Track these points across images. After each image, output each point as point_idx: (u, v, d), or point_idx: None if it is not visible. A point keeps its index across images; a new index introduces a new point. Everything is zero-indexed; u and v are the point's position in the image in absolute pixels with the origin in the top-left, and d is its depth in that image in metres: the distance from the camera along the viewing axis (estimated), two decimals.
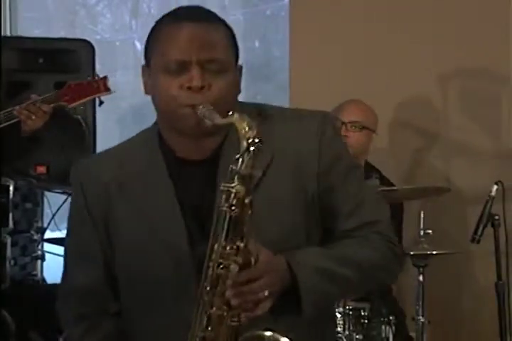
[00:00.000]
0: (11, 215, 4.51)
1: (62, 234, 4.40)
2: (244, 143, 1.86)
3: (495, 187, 3.74)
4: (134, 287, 2.10)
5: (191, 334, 1.94)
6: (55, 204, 4.65)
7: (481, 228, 3.68)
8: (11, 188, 4.52)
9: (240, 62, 2.08)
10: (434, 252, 3.79)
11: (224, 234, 1.89)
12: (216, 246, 1.89)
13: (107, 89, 3.78)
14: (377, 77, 4.66)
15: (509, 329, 3.71)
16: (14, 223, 4.54)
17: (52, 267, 4.65)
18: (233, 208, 1.88)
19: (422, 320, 3.80)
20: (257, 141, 1.86)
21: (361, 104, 4.25)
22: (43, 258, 4.75)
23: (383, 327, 3.76)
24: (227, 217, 1.88)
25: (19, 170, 4.60)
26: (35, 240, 4.71)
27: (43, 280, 4.80)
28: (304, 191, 2.05)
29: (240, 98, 2.11)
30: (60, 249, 3.78)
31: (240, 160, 1.87)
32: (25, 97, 4.46)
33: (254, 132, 1.86)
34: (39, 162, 4.61)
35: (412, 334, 3.91)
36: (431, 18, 4.66)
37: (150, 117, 2.18)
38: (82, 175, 2.15)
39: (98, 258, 2.12)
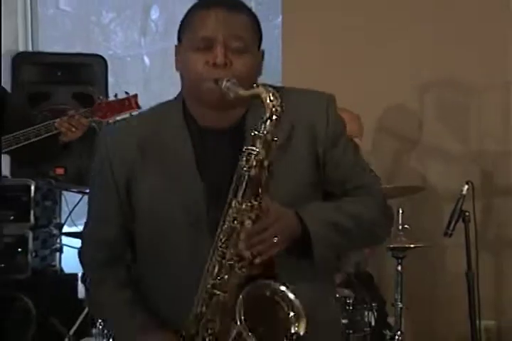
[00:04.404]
0: (32, 212, 4.49)
1: (78, 228, 4.39)
2: (268, 111, 1.89)
3: (466, 186, 3.72)
4: (152, 243, 2.09)
5: (203, 282, 1.94)
6: (72, 202, 4.64)
7: (453, 223, 3.66)
8: (32, 188, 4.50)
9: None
10: (412, 245, 3.78)
11: (241, 192, 1.90)
12: (234, 202, 1.90)
13: (138, 106, 3.76)
14: (361, 87, 4.64)
15: (478, 313, 3.70)
16: (35, 219, 4.52)
17: (70, 258, 4.64)
18: (252, 169, 1.89)
19: (401, 305, 3.79)
20: (279, 109, 1.89)
21: (343, 114, 4.18)
22: (61, 251, 4.74)
23: (366, 312, 3.72)
24: (246, 176, 1.89)
25: (40, 172, 4.59)
26: (54, 234, 4.70)
27: (61, 270, 4.79)
28: (315, 155, 2.07)
29: None
30: (76, 242, 3.77)
31: (263, 126, 1.89)
32: (45, 107, 4.47)
33: (278, 101, 1.89)
34: (58, 164, 4.61)
35: (392, 318, 3.90)
36: (409, 34, 4.64)
37: None
38: (109, 140, 2.13)
39: (118, 218, 2.12)
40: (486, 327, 4.40)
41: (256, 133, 1.90)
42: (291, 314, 1.90)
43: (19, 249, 4.45)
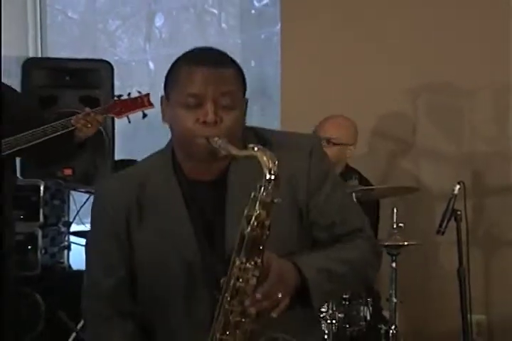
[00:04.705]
0: (41, 211, 4.52)
1: (85, 227, 4.41)
2: (267, 174, 1.84)
3: (457, 186, 3.70)
4: (151, 293, 2.08)
5: (211, 338, 1.92)
6: (80, 201, 4.66)
7: (445, 222, 3.64)
8: (42, 188, 4.53)
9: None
10: (406, 243, 3.77)
11: (244, 252, 1.87)
12: (237, 262, 1.88)
13: (150, 104, 3.75)
14: (357, 93, 4.65)
15: (469, 308, 3.68)
16: (44, 218, 4.55)
17: (77, 255, 4.66)
18: (254, 230, 1.86)
19: (395, 300, 3.77)
20: (276, 171, 1.85)
21: (337, 121, 4.16)
22: (69, 248, 4.76)
23: (362, 307, 3.71)
24: (248, 237, 1.86)
25: (49, 172, 4.60)
26: (63, 232, 4.72)
27: (69, 266, 4.81)
28: (297, 204, 2.05)
29: None
30: (83, 240, 3.77)
31: (263, 188, 1.85)
32: (54, 110, 4.47)
33: (275, 164, 1.85)
34: (66, 165, 4.62)
35: (386, 312, 3.89)
36: (402, 41, 4.65)
37: (160, 127, 2.16)
38: (106, 194, 2.12)
39: (120, 267, 2.09)
40: (476, 321, 4.41)
41: (255, 195, 1.86)
42: None
43: (29, 247, 4.46)
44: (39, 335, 4.39)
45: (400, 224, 3.78)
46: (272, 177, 1.85)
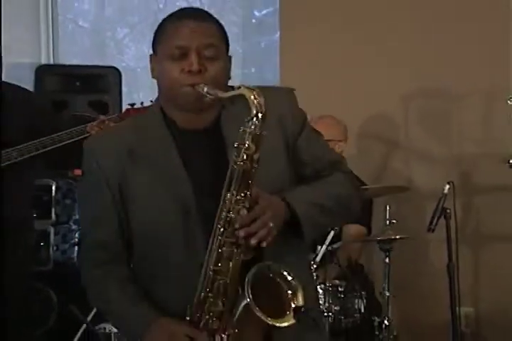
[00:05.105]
0: (53, 210, 4.53)
1: None
2: (254, 108, 1.89)
3: (447, 186, 3.74)
4: (148, 236, 2.06)
5: (205, 269, 1.94)
6: None
7: (435, 220, 3.67)
8: (53, 188, 4.53)
9: (236, 72, 2.09)
10: (398, 237, 3.79)
11: (235, 185, 1.90)
12: (229, 194, 1.91)
13: None
14: (350, 96, 4.66)
15: (458, 301, 3.71)
16: (56, 216, 4.56)
17: None
18: (244, 163, 1.90)
19: (388, 294, 3.80)
20: (263, 106, 1.89)
21: (325, 120, 4.18)
22: (79, 245, 4.76)
23: (356, 300, 3.75)
24: (239, 170, 1.90)
25: (60, 173, 4.61)
26: (73, 230, 4.69)
27: None
28: (286, 144, 2.09)
29: None
30: None
31: (251, 122, 1.90)
32: (65, 113, 4.50)
33: (262, 99, 1.90)
34: (76, 166, 4.62)
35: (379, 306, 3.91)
36: (398, 48, 4.66)
37: None
38: (96, 144, 2.10)
39: (113, 217, 2.07)
40: (465, 314, 4.41)
41: (244, 129, 1.90)
42: (290, 292, 1.93)
43: (42, 243, 4.48)
44: (51, 327, 4.41)
45: (393, 221, 3.80)
46: (260, 111, 1.89)
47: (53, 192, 4.53)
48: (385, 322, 3.78)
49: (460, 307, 3.76)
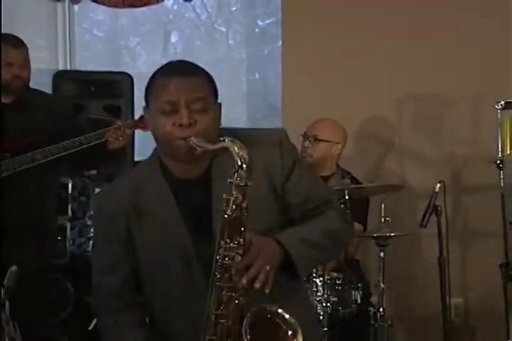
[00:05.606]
0: (69, 206, 4.53)
1: None
2: (238, 161, 1.88)
3: (438, 184, 3.74)
4: (155, 283, 2.09)
5: (207, 313, 1.95)
6: None
7: (427, 216, 3.67)
8: (70, 185, 4.53)
9: (244, 89, 2.09)
10: (392, 234, 3.77)
11: (227, 233, 1.90)
12: (222, 242, 1.90)
13: None
14: (349, 100, 4.64)
15: (448, 292, 3.71)
16: (72, 212, 4.55)
17: None
18: (233, 212, 1.89)
19: (382, 286, 3.78)
20: (246, 158, 1.88)
21: (325, 123, 4.18)
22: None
23: (353, 291, 3.72)
24: (229, 219, 1.89)
25: (76, 172, 4.64)
26: (89, 225, 4.65)
27: None
28: (274, 190, 2.07)
29: (245, 116, 2.11)
30: None
31: (236, 174, 1.89)
32: (82, 117, 4.52)
33: (245, 151, 1.88)
34: (93, 168, 4.64)
35: (374, 297, 3.89)
36: (397, 52, 4.65)
37: None
38: (105, 201, 2.14)
39: (124, 264, 2.10)
40: (454, 304, 4.33)
41: (230, 181, 1.88)
42: (290, 332, 1.92)
43: (59, 238, 4.50)
44: (68, 317, 4.40)
45: (387, 218, 3.79)
46: (243, 163, 1.87)
47: (70, 189, 4.53)
48: (380, 312, 3.77)
49: (450, 298, 3.76)
